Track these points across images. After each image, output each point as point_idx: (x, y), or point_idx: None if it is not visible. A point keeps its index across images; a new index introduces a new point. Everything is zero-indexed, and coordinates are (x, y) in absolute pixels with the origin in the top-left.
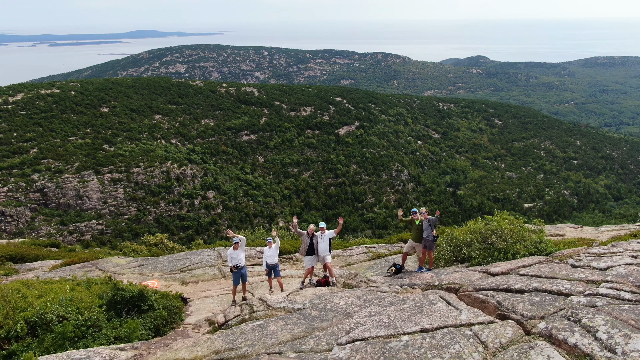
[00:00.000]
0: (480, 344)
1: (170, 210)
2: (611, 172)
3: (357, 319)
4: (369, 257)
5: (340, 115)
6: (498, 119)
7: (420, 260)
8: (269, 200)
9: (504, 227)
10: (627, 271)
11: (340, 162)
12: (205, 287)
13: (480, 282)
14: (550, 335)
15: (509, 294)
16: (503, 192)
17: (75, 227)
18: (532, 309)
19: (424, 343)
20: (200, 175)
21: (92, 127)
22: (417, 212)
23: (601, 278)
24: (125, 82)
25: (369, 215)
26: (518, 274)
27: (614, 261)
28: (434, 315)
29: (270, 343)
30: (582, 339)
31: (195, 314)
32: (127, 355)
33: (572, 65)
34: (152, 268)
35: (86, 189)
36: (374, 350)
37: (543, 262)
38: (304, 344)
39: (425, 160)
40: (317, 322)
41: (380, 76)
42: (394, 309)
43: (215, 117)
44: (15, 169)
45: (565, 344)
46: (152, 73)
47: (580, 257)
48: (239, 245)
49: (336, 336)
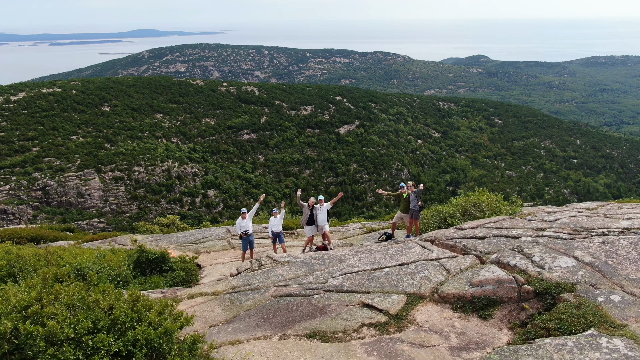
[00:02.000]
0: (445, 270)
1: (171, 209)
2: (611, 171)
3: (349, 262)
4: (364, 231)
5: (341, 114)
6: (498, 118)
7: (408, 229)
8: (270, 198)
9: (482, 200)
10: (569, 220)
11: (340, 161)
12: (216, 256)
13: (452, 234)
14: (498, 262)
15: (473, 240)
16: (503, 191)
17: (77, 225)
18: (489, 247)
19: (401, 272)
20: (201, 173)
21: (94, 126)
22: (405, 186)
23: (547, 226)
24: (126, 81)
25: (369, 214)
26: (484, 227)
27: (562, 215)
28: (411, 254)
29: (277, 280)
30: (520, 261)
31: (209, 277)
32: (157, 295)
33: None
34: (167, 242)
35: (88, 187)
36: (361, 278)
37: (507, 219)
38: (305, 279)
39: (426, 159)
40: (316, 266)
41: (381, 75)
42: (379, 254)
43: (216, 116)
44: (17, 167)
45: (508, 265)
46: (153, 72)
47: (537, 214)
48: (246, 215)
49: (332, 274)
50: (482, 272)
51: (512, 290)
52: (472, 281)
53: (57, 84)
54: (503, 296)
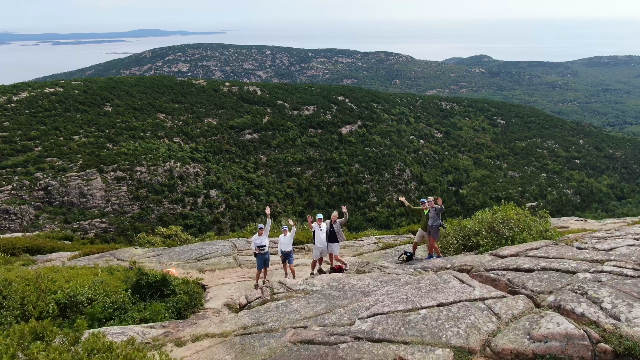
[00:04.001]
0: (494, 315)
1: (173, 209)
2: (614, 172)
3: (375, 297)
4: (379, 247)
5: (343, 114)
6: (501, 118)
7: (430, 247)
8: (272, 199)
9: (510, 216)
10: (629, 251)
11: (342, 161)
12: (222, 275)
13: (491, 264)
14: (559, 307)
15: (519, 273)
16: (506, 192)
17: (79, 225)
18: (541, 285)
19: (441, 315)
20: (203, 173)
21: (96, 126)
22: (426, 202)
23: (605, 257)
24: (128, 81)
25: (372, 214)
26: (526, 255)
27: (617, 243)
28: (449, 291)
29: (294, 319)
30: (588, 308)
31: (214, 300)
32: (157, 332)
33: (575, 65)
34: (170, 257)
35: (90, 187)
36: (394, 322)
37: (550, 245)
38: (327, 319)
39: (428, 159)
40: (338, 300)
41: (383, 75)
42: (410, 287)
43: (218, 116)
44: (20, 167)
45: (573, 313)
46: (155, 72)
47: (585, 240)
48: (263, 231)
49: (357, 312)
50: (544, 323)
51: (585, 349)
52: (532, 334)
53: (60, 83)
54: (573, 356)
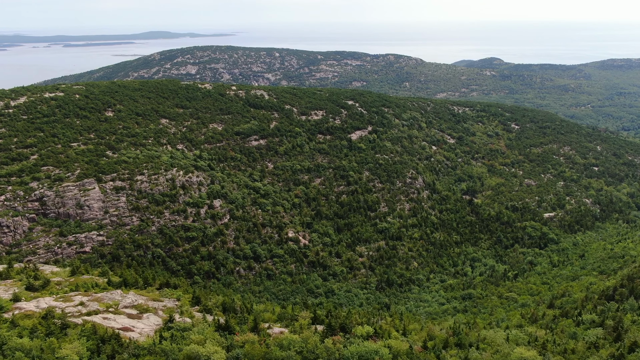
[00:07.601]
0: None
1: (174, 220)
2: (634, 180)
3: None
4: None
5: (353, 119)
6: (515, 123)
7: None
8: (278, 209)
9: None
10: None
11: (352, 169)
12: None
13: None
14: None
15: None
16: (522, 201)
17: (75, 238)
18: None
19: None
20: (206, 182)
21: (96, 132)
22: None
23: None
24: (131, 85)
25: (382, 225)
26: None
27: None
28: None
29: None
30: None
31: None
32: None
33: (588, 68)
34: None
35: (87, 197)
36: None
37: None
38: None
39: (441, 166)
40: None
41: (393, 78)
42: None
43: (224, 122)
44: (14, 176)
45: None
46: (163, 74)
47: None
48: None
49: None
50: None
51: None
52: None
53: (60, 87)
54: None
